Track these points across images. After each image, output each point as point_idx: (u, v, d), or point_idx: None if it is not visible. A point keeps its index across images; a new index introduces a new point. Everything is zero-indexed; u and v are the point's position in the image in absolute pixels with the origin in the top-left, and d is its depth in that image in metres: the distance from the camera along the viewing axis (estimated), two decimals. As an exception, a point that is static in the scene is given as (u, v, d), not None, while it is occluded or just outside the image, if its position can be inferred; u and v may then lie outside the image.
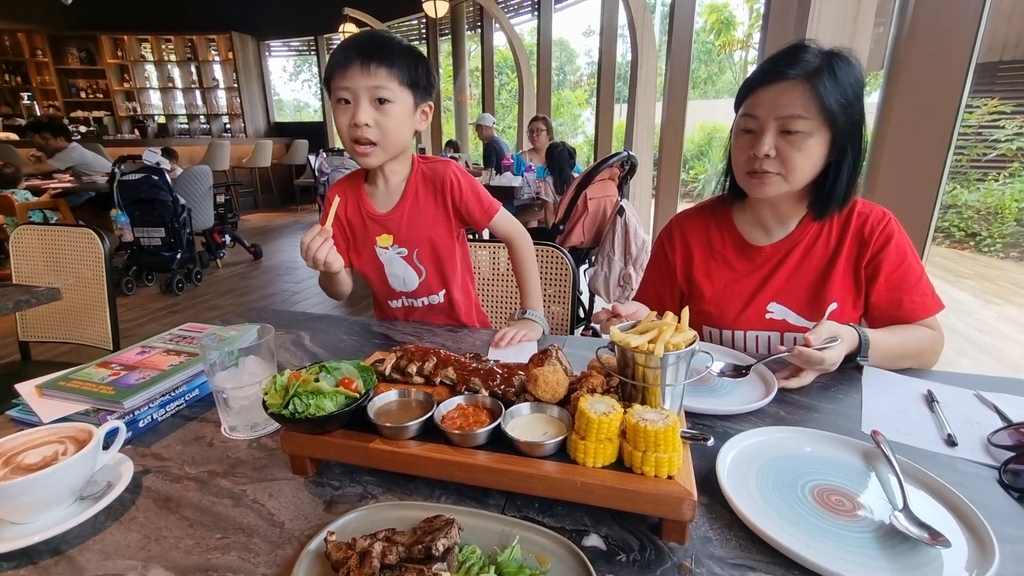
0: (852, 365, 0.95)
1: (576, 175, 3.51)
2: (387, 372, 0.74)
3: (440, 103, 9.50)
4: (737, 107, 1.01)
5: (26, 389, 0.78)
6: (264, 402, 0.62)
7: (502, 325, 1.41)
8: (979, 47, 1.49)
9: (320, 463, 0.68)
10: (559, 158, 3.50)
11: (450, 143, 6.83)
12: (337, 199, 1.04)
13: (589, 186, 2.80)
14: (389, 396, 0.68)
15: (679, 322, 0.67)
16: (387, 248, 1.20)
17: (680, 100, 4.18)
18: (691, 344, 0.63)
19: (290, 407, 0.60)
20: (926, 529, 0.54)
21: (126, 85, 9.02)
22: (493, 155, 5.28)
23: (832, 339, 0.87)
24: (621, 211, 2.74)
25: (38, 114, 8.21)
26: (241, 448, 0.73)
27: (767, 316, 1.06)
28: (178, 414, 0.82)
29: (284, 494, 0.64)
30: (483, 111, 8.52)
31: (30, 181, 4.62)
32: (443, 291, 1.25)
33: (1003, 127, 5.62)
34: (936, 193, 1.60)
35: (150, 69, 9.18)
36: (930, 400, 0.85)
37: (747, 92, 0.98)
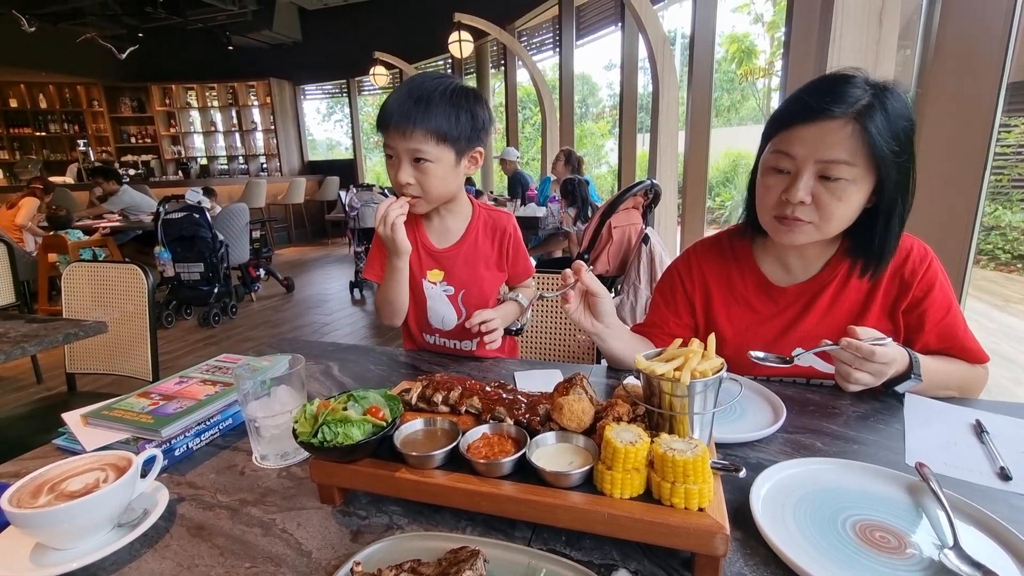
0: (892, 392, 0.91)
1: (596, 203, 3.54)
2: (413, 401, 0.74)
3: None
4: (766, 138, 0.91)
5: (72, 419, 0.82)
6: (294, 430, 0.64)
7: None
8: (1011, 65, 1.46)
9: (347, 492, 0.69)
10: (578, 188, 3.54)
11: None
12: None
13: (613, 215, 2.81)
14: (415, 425, 0.69)
15: (705, 349, 0.66)
16: (436, 284, 1.23)
17: (703, 129, 4.20)
18: (718, 371, 0.62)
19: (319, 435, 0.61)
20: (980, 568, 0.51)
21: (172, 130, 9.61)
22: (518, 187, 5.39)
23: (880, 339, 0.82)
24: (646, 239, 2.73)
25: (92, 159, 8.79)
26: (271, 477, 0.75)
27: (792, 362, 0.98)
28: (212, 443, 0.84)
29: (312, 523, 0.64)
30: (507, 145, 8.72)
31: (82, 222, 4.92)
32: (477, 340, 1.21)
33: (1044, 145, 5.42)
34: (975, 215, 1.56)
35: (194, 115, 9.77)
36: (979, 431, 0.81)
37: (782, 126, 0.87)
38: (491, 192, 7.29)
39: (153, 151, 9.55)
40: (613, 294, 3.19)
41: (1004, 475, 0.70)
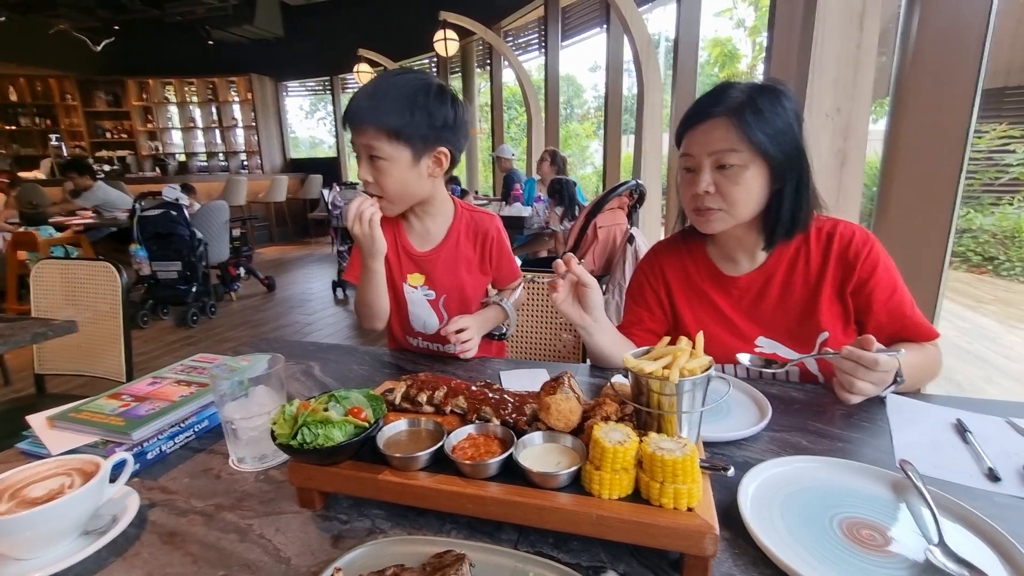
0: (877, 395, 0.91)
1: (581, 203, 3.54)
2: (397, 401, 0.73)
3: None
4: (679, 146, 1.03)
5: (37, 421, 0.78)
6: (272, 432, 0.61)
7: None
8: (984, 72, 1.49)
9: (328, 496, 0.66)
10: (565, 187, 3.54)
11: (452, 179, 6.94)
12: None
13: (599, 215, 2.82)
14: (399, 426, 0.67)
15: (694, 347, 0.65)
16: (416, 288, 1.22)
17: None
18: (707, 370, 0.62)
19: (298, 437, 0.59)
20: (965, 565, 0.51)
21: (149, 126, 9.38)
22: (512, 186, 5.35)
23: (891, 351, 0.84)
24: (631, 239, 2.74)
25: (65, 154, 8.54)
26: (249, 480, 0.72)
27: (756, 351, 1.03)
28: (187, 446, 0.81)
29: (291, 528, 0.62)
30: (493, 144, 8.70)
31: (54, 218, 4.77)
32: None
33: (1014, 151, 5.60)
34: (951, 218, 1.58)
35: (172, 110, 9.55)
36: (962, 430, 0.82)
37: (682, 133, 1.00)
38: (476, 192, 7.26)
39: (129, 147, 9.30)
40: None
41: (993, 476, 0.70)
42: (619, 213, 2.94)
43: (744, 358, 0.93)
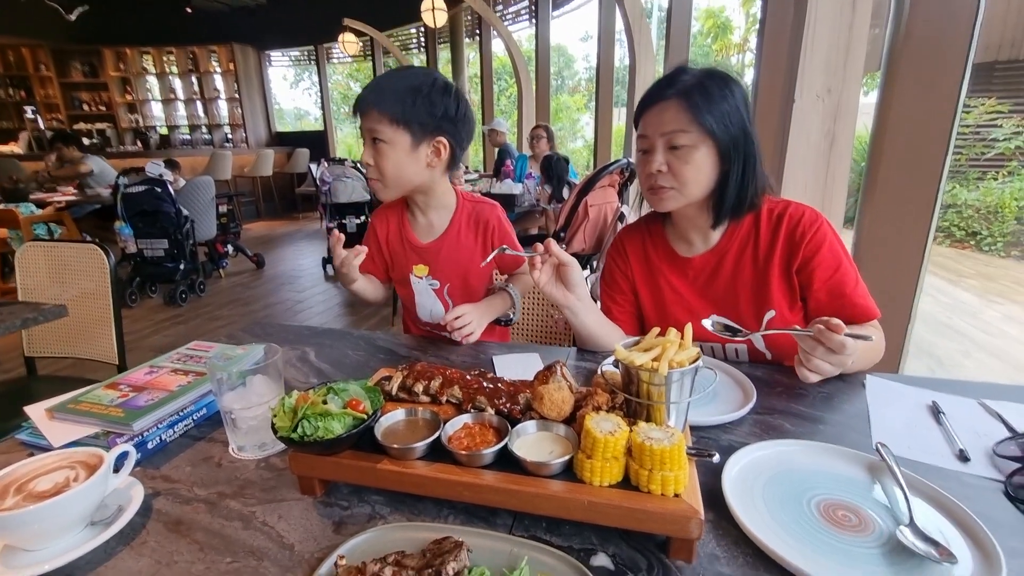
0: (854, 374, 0.95)
1: (573, 180, 3.53)
2: (394, 391, 0.74)
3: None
4: (636, 128, 1.07)
5: (36, 412, 0.79)
6: (273, 425, 0.63)
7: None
8: (975, 48, 1.49)
9: (328, 483, 0.68)
10: (557, 167, 3.51)
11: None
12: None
13: (589, 193, 2.81)
14: (396, 416, 0.69)
15: (682, 339, 0.67)
16: (421, 278, 1.27)
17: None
18: (695, 361, 0.64)
19: (299, 430, 0.61)
20: (933, 544, 0.54)
21: (128, 97, 9.10)
22: (506, 161, 5.26)
23: (859, 335, 0.83)
24: (622, 217, 2.75)
25: (42, 127, 8.27)
26: (249, 468, 0.74)
27: (710, 329, 1.06)
28: (186, 434, 0.82)
29: (293, 515, 0.64)
30: (483, 117, 8.56)
31: (35, 195, 4.66)
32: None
33: (1000, 126, 5.63)
34: (936, 193, 1.58)
35: (152, 81, 9.26)
36: (936, 412, 0.85)
37: (638, 115, 1.04)
38: (466, 167, 7.17)
39: (108, 119, 9.03)
40: (588, 271, 3.21)
41: (963, 457, 0.74)
42: (610, 191, 2.94)
43: (707, 322, 0.94)
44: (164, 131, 9.45)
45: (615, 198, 2.96)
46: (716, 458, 0.61)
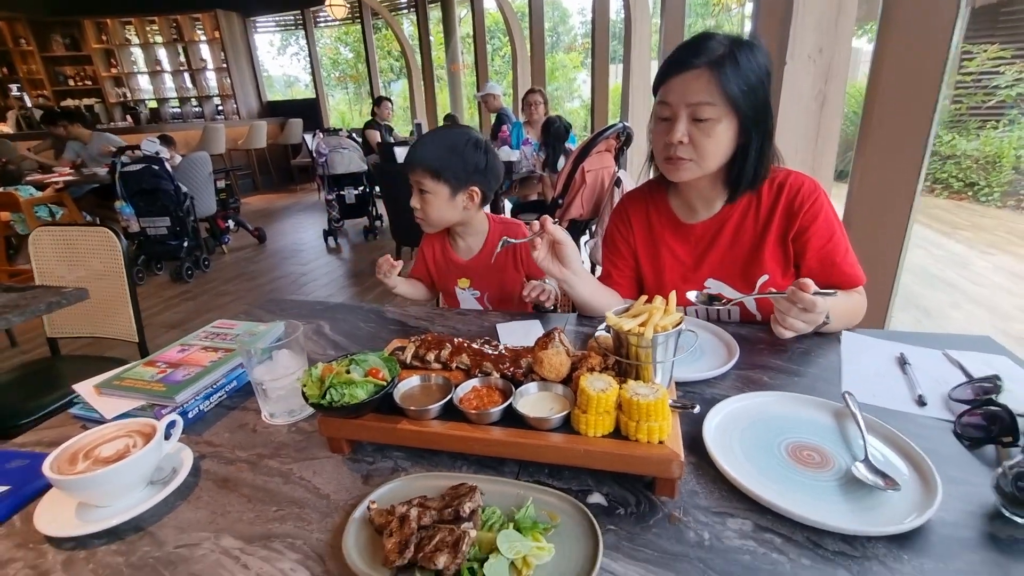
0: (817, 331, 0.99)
1: (571, 146, 3.52)
2: (408, 360, 0.82)
3: (433, 73, 9.34)
4: (655, 94, 1.05)
5: (84, 389, 0.87)
6: (304, 393, 0.71)
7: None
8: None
9: (354, 443, 0.77)
10: (555, 134, 3.50)
11: (448, 117, 6.71)
12: None
13: (586, 159, 2.83)
14: (412, 382, 0.77)
15: (667, 306, 0.74)
16: (465, 289, 1.48)
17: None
18: (678, 325, 0.71)
19: (327, 397, 0.69)
20: (881, 476, 0.63)
21: (113, 71, 8.91)
22: (501, 127, 5.18)
23: (827, 292, 0.90)
24: (618, 182, 2.78)
25: (28, 104, 8.14)
26: (282, 432, 0.83)
27: (705, 291, 1.12)
28: (221, 404, 0.91)
29: (326, 470, 0.73)
30: (477, 79, 8.39)
31: (32, 176, 4.66)
32: None
33: (1003, 72, 5.53)
34: (926, 142, 1.55)
35: (137, 52, 9.05)
36: (903, 363, 0.93)
37: (660, 81, 1.02)
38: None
39: (95, 94, 8.87)
40: (588, 236, 3.26)
41: (921, 401, 0.82)
42: (606, 156, 2.96)
43: (691, 295, 1.01)
44: (153, 104, 9.29)
45: (612, 163, 2.98)
46: (697, 409, 0.69)
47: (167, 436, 0.73)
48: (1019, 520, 0.59)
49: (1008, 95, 5.53)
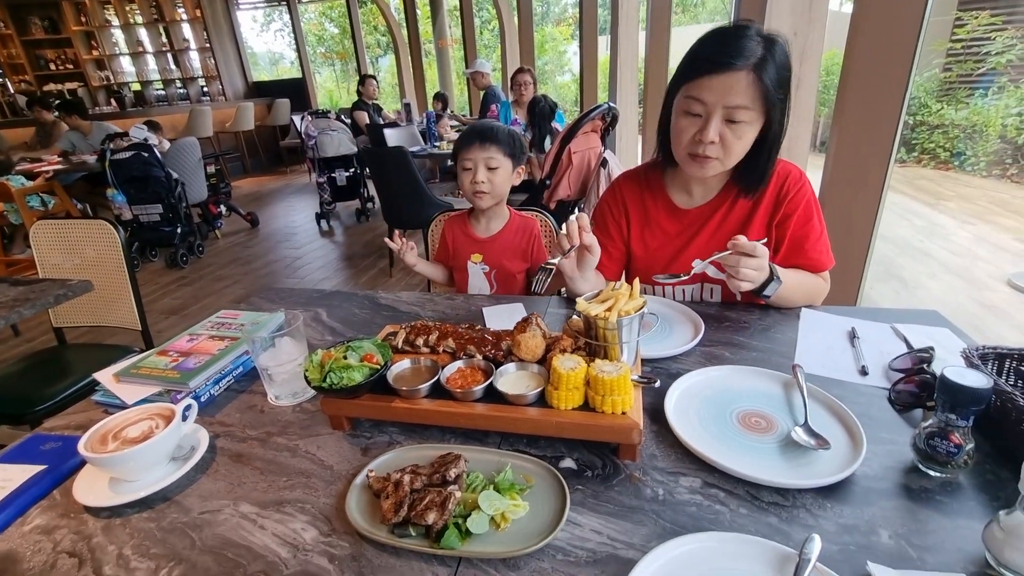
0: (764, 297, 1.05)
1: (557, 125, 3.55)
2: (399, 345, 0.90)
3: (420, 48, 9.20)
4: (676, 84, 1.04)
5: (104, 377, 0.95)
6: (306, 377, 0.79)
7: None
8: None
9: (353, 420, 0.86)
10: (540, 114, 3.52)
11: (438, 96, 6.64)
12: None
13: (572, 140, 2.87)
14: (403, 364, 0.85)
15: (632, 291, 0.82)
16: (476, 263, 1.63)
17: (664, 28, 4.07)
18: (640, 310, 0.79)
19: (327, 380, 0.77)
20: (816, 437, 0.72)
21: (95, 53, 8.74)
22: (490, 105, 5.14)
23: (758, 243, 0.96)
24: (604, 162, 2.83)
25: (11, 90, 8.01)
26: (287, 412, 0.91)
27: (692, 271, 1.13)
28: (230, 388, 0.99)
29: (328, 445, 0.82)
30: (465, 55, 8.27)
31: (21, 166, 4.64)
32: None
33: (993, 39, 5.53)
34: (899, 111, 1.53)
35: (117, 34, 8.86)
36: (852, 336, 1.02)
37: (694, 75, 0.99)
38: (451, 111, 7.05)
39: (78, 78, 8.73)
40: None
41: (863, 371, 0.91)
42: (592, 137, 3.00)
43: (660, 277, 1.07)
44: (137, 87, 9.14)
45: (598, 143, 3.03)
46: (657, 383, 0.78)
47: (184, 418, 0.82)
48: (931, 473, 0.68)
49: (998, 62, 5.54)
